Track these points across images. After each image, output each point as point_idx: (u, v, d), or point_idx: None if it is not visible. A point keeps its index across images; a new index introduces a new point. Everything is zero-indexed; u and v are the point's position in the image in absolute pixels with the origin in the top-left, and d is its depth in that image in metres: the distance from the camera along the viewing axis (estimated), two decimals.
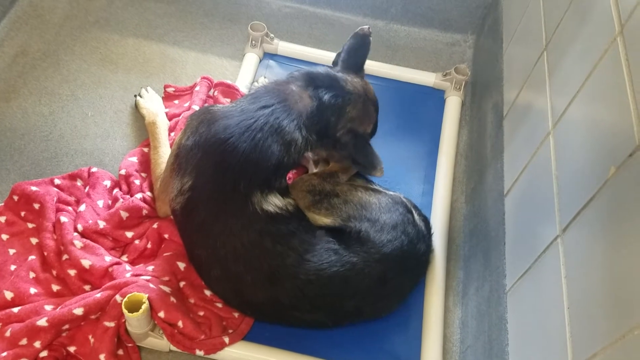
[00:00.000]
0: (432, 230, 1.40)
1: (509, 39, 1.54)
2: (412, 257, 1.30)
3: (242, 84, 1.70)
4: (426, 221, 1.40)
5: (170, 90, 1.69)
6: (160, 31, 1.84)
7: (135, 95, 1.66)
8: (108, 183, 1.47)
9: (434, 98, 1.81)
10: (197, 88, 1.66)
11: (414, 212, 1.37)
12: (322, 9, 1.96)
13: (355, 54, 1.44)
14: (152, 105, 1.62)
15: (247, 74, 1.74)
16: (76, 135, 1.59)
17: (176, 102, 1.66)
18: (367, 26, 1.47)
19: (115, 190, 1.46)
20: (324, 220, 1.30)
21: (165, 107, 1.64)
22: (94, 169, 1.48)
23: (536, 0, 1.34)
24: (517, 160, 1.21)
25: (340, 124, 1.32)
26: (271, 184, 1.24)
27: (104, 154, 1.56)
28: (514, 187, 1.20)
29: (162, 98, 1.68)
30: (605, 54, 0.90)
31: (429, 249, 1.37)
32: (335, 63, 1.45)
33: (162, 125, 1.55)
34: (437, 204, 1.55)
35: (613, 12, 0.90)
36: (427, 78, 1.83)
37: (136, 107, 1.64)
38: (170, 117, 1.60)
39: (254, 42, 1.79)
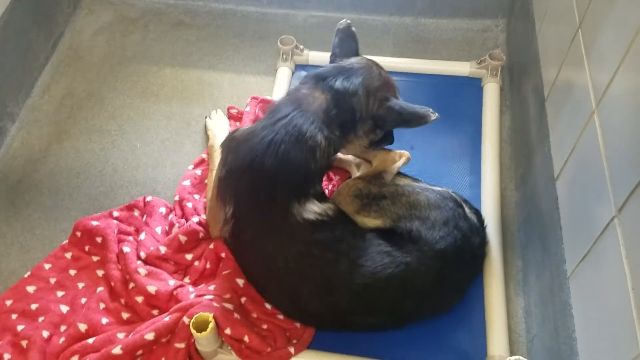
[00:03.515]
0: (485, 222, 1.39)
1: (541, 18, 1.51)
2: (467, 251, 1.29)
3: (279, 98, 1.73)
4: (478, 214, 1.38)
5: (233, 111, 1.74)
6: (195, 57, 1.90)
7: (205, 117, 1.72)
8: (163, 210, 1.52)
9: (472, 87, 1.79)
10: (247, 108, 1.70)
11: (464, 205, 1.35)
12: (347, 13, 1.97)
13: (346, 45, 1.42)
14: (216, 127, 1.67)
15: (281, 87, 1.77)
16: (128, 167, 1.66)
17: (238, 124, 1.71)
18: (343, 20, 1.45)
19: (171, 216, 1.51)
20: (374, 222, 1.30)
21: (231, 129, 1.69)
22: (148, 198, 1.54)
23: None
24: (565, 142, 1.18)
25: (370, 100, 1.31)
26: (305, 191, 1.24)
27: (156, 182, 1.62)
28: (564, 169, 1.18)
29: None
30: None
31: (484, 242, 1.36)
32: (331, 63, 1.43)
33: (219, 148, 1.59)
34: (487, 194, 1.52)
35: None
36: (462, 68, 1.81)
37: (205, 128, 1.71)
38: None
39: (284, 55, 1.82)
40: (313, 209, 1.23)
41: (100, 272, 1.42)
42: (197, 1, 2.03)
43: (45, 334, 1.31)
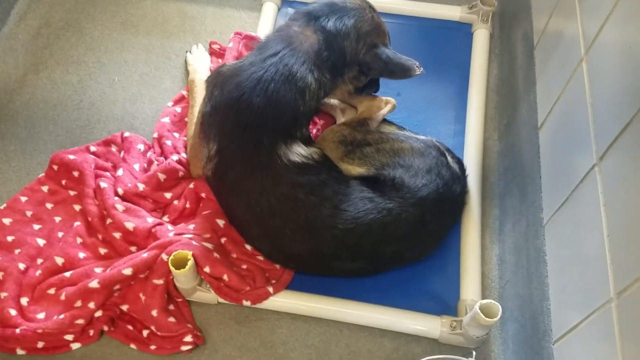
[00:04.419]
0: (467, 172, 1.39)
1: None
2: (448, 199, 1.30)
3: (264, 34, 1.68)
4: (460, 163, 1.38)
5: (215, 47, 1.69)
6: None
7: (186, 52, 1.67)
8: (142, 146, 1.49)
9: (461, 33, 1.75)
10: (229, 44, 1.65)
11: (447, 154, 1.35)
12: None
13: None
14: (197, 62, 1.62)
15: (266, 24, 1.72)
16: (106, 101, 1.61)
17: (220, 60, 1.66)
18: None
19: (149, 153, 1.49)
20: (358, 170, 1.30)
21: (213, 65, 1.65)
22: (126, 134, 1.50)
23: None
24: (551, 91, 1.17)
25: (360, 44, 1.28)
26: (293, 133, 1.22)
27: (134, 118, 1.59)
28: (548, 119, 1.17)
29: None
30: None
31: (464, 190, 1.37)
32: None
33: (200, 84, 1.54)
34: (470, 143, 1.52)
35: None
36: (452, 12, 1.77)
37: (185, 63, 1.66)
38: None
39: None
40: (299, 152, 1.22)
41: (77, 207, 1.41)
42: None
43: (22, 266, 1.30)
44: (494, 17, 1.73)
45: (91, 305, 1.23)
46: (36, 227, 1.37)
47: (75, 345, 1.25)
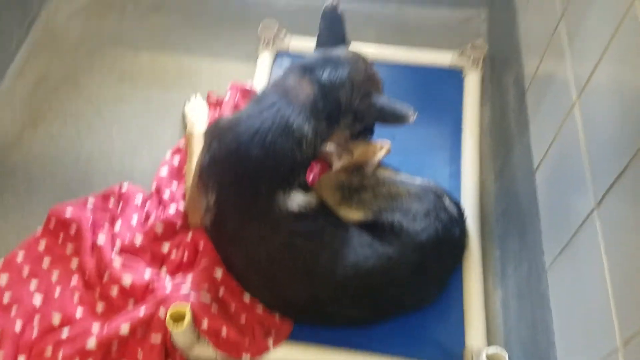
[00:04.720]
0: (465, 214, 1.39)
1: (523, 8, 1.51)
2: (448, 242, 1.29)
3: (260, 84, 1.71)
4: (458, 205, 1.38)
5: (212, 98, 1.71)
6: (174, 42, 1.86)
7: (185, 103, 1.69)
8: (140, 198, 1.49)
9: (453, 78, 1.78)
10: (227, 96, 1.67)
11: (444, 197, 1.35)
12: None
13: (333, 31, 1.39)
14: (195, 114, 1.64)
15: (262, 74, 1.75)
16: (104, 153, 1.62)
17: (218, 110, 1.68)
18: (330, 1, 1.39)
19: (147, 205, 1.49)
20: (356, 215, 1.29)
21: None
22: (124, 186, 1.51)
23: None
24: (544, 135, 1.18)
25: (354, 93, 1.29)
26: (290, 181, 1.24)
27: (133, 169, 1.59)
28: (543, 161, 1.18)
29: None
30: (624, 18, 0.87)
31: (464, 233, 1.36)
32: (318, 48, 1.39)
33: (198, 136, 1.54)
34: (466, 185, 1.53)
35: None
36: (443, 58, 1.80)
37: (183, 114, 1.68)
38: None
39: (266, 41, 1.79)
40: (297, 200, 1.23)
41: (74, 262, 1.39)
42: None
43: (18, 325, 1.28)
44: (485, 62, 1.76)
45: None
46: (33, 284, 1.35)
47: None
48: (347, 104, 1.29)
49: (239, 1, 1.97)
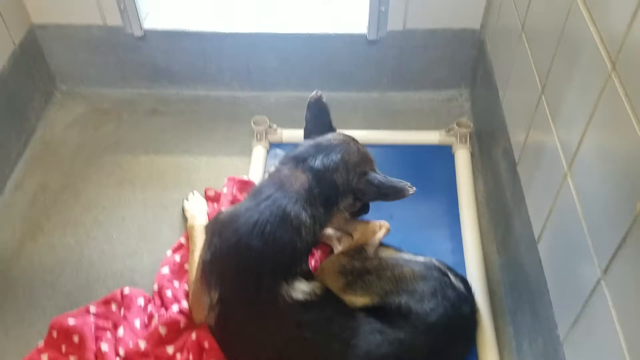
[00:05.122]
0: (473, 289, 1.38)
1: (504, 86, 1.57)
2: (459, 321, 1.27)
3: (255, 176, 1.74)
4: (464, 281, 1.37)
5: (210, 193, 1.73)
6: (170, 143, 1.91)
7: (183, 199, 1.71)
8: (142, 301, 1.47)
9: (443, 155, 1.83)
10: (224, 190, 1.70)
11: (449, 274, 1.35)
12: None
13: (319, 120, 1.45)
14: (194, 209, 1.66)
15: (257, 167, 1.79)
16: (104, 259, 1.61)
17: (215, 205, 1.70)
18: (314, 92, 1.47)
19: (150, 307, 1.47)
20: (361, 300, 1.28)
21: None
22: (126, 290, 1.49)
23: (522, 47, 1.38)
24: (541, 206, 1.20)
25: (350, 174, 1.32)
26: (293, 270, 1.24)
27: (134, 272, 1.58)
28: (544, 232, 1.19)
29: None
30: (603, 91, 0.91)
31: (474, 310, 1.34)
32: (306, 137, 1.45)
33: (200, 228, 1.56)
34: (470, 260, 1.53)
35: (602, 52, 0.92)
36: (431, 137, 1.86)
37: (183, 210, 1.69)
38: None
39: (258, 135, 1.85)
40: (301, 288, 1.22)
41: None
42: (170, 89, 2.07)
43: None
44: (472, 137, 1.82)
45: None
46: None
47: None
48: (345, 186, 1.32)
49: (230, 100, 2.05)
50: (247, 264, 1.21)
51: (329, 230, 1.56)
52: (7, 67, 1.82)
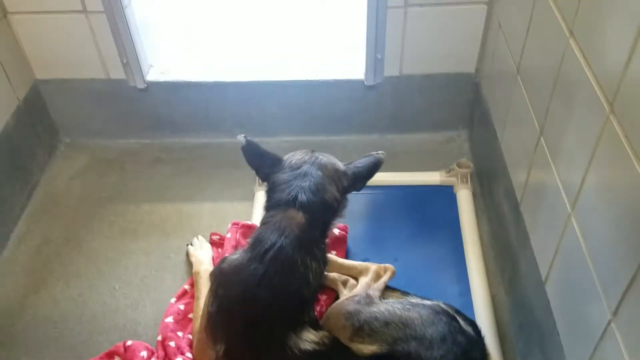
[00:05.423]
0: (483, 333, 1.36)
1: (502, 127, 1.59)
2: None
3: (259, 221, 1.74)
4: (473, 324, 1.35)
5: (215, 238, 1.73)
6: (173, 191, 1.92)
7: (187, 245, 1.71)
8: (145, 354, 1.45)
9: (445, 195, 1.84)
10: (228, 234, 1.70)
11: (458, 317, 1.32)
12: (317, 136, 2.05)
13: (261, 156, 1.43)
14: (199, 254, 1.65)
15: (260, 211, 1.77)
16: (107, 311, 1.60)
17: (220, 250, 1.70)
18: (239, 136, 1.45)
19: (153, 359, 1.44)
20: (370, 348, 1.25)
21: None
22: (129, 343, 1.47)
23: (518, 89, 1.40)
24: (547, 247, 1.19)
25: (335, 181, 1.33)
26: (300, 320, 1.22)
27: (137, 324, 1.56)
28: (550, 273, 1.18)
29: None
30: (602, 133, 0.92)
31: (484, 354, 1.32)
32: (264, 179, 1.44)
33: (205, 274, 1.54)
34: (478, 302, 1.51)
35: (599, 93, 0.93)
36: (432, 178, 1.87)
37: (187, 256, 1.68)
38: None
39: (260, 180, 1.85)
40: (310, 338, 1.21)
41: None
42: (173, 138, 2.09)
43: None
44: (473, 177, 1.82)
45: None
46: None
47: None
48: (336, 200, 1.32)
49: (231, 147, 2.05)
50: (255, 316, 1.20)
51: (335, 275, 1.55)
52: (12, 123, 1.84)
